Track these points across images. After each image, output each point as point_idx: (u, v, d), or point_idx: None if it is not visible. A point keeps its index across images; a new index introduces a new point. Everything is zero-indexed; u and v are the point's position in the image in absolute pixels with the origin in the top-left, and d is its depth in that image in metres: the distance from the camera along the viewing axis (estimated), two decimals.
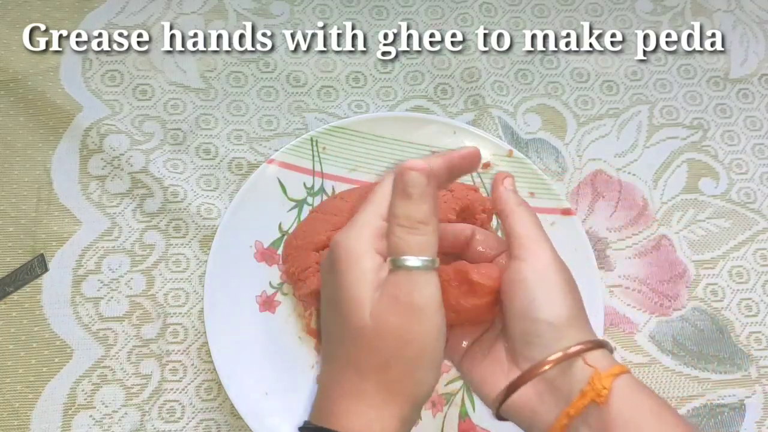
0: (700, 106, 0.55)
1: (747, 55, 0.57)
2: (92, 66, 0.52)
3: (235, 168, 0.49)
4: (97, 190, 0.48)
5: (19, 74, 0.50)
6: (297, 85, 0.53)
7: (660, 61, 0.56)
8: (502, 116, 0.53)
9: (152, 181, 0.48)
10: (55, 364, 0.43)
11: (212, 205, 0.48)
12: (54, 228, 0.46)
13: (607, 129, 0.53)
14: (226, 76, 0.52)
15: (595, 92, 0.55)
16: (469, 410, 0.43)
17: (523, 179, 0.47)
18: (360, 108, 0.52)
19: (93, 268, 0.46)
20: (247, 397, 0.41)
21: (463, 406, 0.44)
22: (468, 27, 0.56)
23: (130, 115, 0.50)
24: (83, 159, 0.48)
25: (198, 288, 0.46)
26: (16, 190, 0.47)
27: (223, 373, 0.41)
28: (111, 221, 0.47)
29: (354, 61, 0.54)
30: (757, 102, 0.55)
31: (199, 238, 0.47)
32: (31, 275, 0.45)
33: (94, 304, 0.45)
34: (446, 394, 0.44)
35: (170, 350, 0.44)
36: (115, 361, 0.44)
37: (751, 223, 0.51)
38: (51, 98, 0.50)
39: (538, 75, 0.55)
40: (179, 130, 0.50)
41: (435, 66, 0.54)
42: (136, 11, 0.54)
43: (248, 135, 0.51)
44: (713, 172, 0.53)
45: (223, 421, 0.43)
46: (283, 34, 0.54)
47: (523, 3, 0.57)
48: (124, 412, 0.43)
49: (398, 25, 0.55)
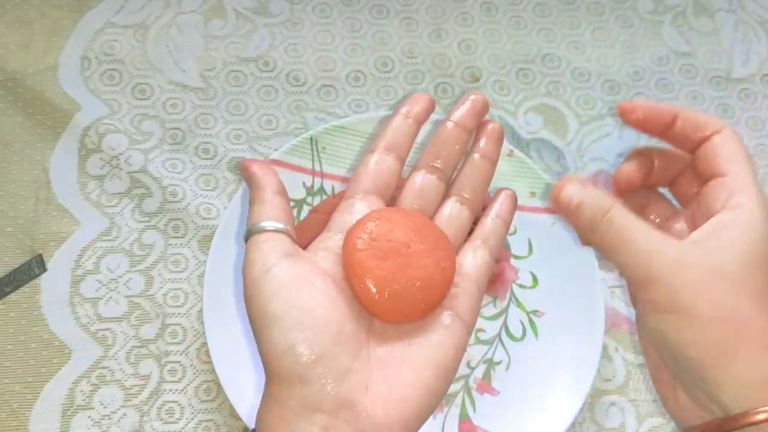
0: (702, 106, 0.55)
1: (749, 55, 0.57)
2: (91, 65, 0.51)
3: (234, 168, 0.49)
4: (95, 189, 0.48)
5: (17, 73, 0.50)
6: (297, 85, 0.52)
7: (661, 60, 0.56)
8: (503, 116, 0.52)
9: (151, 180, 0.48)
10: (53, 364, 0.43)
11: (211, 205, 0.48)
12: (52, 228, 0.46)
13: (608, 129, 0.53)
14: (225, 76, 0.52)
15: (596, 92, 0.54)
16: (470, 411, 0.43)
17: (524, 179, 0.47)
18: (360, 107, 0.52)
19: (92, 268, 0.46)
20: (247, 397, 0.41)
21: (464, 406, 0.43)
22: (469, 26, 0.56)
23: (128, 115, 0.50)
24: (82, 159, 0.48)
25: (197, 288, 0.46)
26: (14, 189, 0.47)
27: (222, 374, 0.41)
28: (110, 221, 0.47)
29: (354, 61, 0.54)
30: (759, 102, 0.55)
31: (198, 238, 0.47)
32: (30, 275, 0.45)
33: (93, 305, 0.45)
34: (446, 394, 0.44)
35: (169, 351, 0.44)
36: (114, 361, 0.43)
37: None
38: (49, 97, 0.49)
39: (540, 74, 0.55)
40: (178, 130, 0.50)
41: (435, 65, 0.54)
42: (135, 10, 0.54)
43: (248, 134, 0.50)
44: None
45: (222, 422, 0.43)
46: (282, 33, 0.54)
47: (524, 2, 0.57)
48: (122, 413, 0.42)
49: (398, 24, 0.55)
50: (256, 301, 0.29)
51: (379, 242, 0.30)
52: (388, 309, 0.30)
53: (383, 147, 0.35)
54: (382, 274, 0.29)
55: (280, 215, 0.32)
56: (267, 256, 0.30)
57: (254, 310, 0.29)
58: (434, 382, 0.29)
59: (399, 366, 0.29)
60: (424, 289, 0.30)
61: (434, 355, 0.30)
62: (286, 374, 0.27)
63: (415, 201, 0.34)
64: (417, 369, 0.29)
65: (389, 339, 0.30)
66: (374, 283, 0.29)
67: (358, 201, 0.33)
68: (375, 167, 0.34)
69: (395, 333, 0.30)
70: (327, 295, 0.29)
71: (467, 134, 0.36)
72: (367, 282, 0.29)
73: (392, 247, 0.30)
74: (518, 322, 0.45)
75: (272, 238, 0.31)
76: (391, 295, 0.29)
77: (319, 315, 0.28)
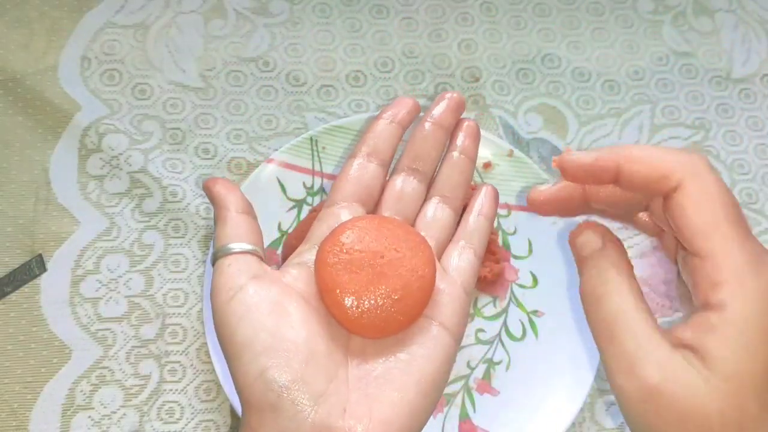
0: (702, 106, 0.55)
1: (749, 54, 0.57)
2: (91, 65, 0.51)
3: (234, 167, 0.49)
4: (95, 189, 0.48)
5: (17, 73, 0.50)
6: (296, 85, 0.52)
7: (661, 60, 0.56)
8: (503, 116, 0.52)
9: (151, 180, 0.48)
10: (53, 364, 0.43)
11: (211, 205, 0.48)
12: (52, 228, 0.46)
13: (608, 129, 0.53)
14: (225, 75, 0.52)
15: (596, 92, 0.54)
16: (470, 411, 0.43)
17: (524, 179, 0.47)
18: (360, 107, 0.52)
19: (92, 268, 0.46)
20: None
21: (464, 406, 0.43)
22: (469, 26, 0.56)
23: (128, 115, 0.50)
24: (82, 159, 0.48)
25: (197, 288, 0.46)
26: (14, 189, 0.47)
27: (222, 374, 0.41)
28: (110, 221, 0.47)
29: (354, 61, 0.54)
30: (759, 102, 0.55)
31: (198, 238, 0.47)
32: (30, 275, 0.45)
33: (93, 305, 0.45)
34: (446, 394, 0.44)
35: (169, 351, 0.44)
36: (114, 361, 0.43)
37: (754, 223, 0.51)
38: (49, 97, 0.49)
39: (539, 74, 0.55)
40: (178, 130, 0.50)
41: (435, 65, 0.54)
42: (135, 10, 0.54)
43: (247, 134, 0.50)
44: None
45: (222, 422, 0.43)
46: (282, 33, 0.54)
47: (524, 2, 0.57)
48: (122, 413, 0.42)
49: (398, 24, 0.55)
50: (224, 329, 0.28)
51: (350, 254, 0.28)
52: (363, 324, 0.28)
53: (365, 152, 0.34)
54: (354, 288, 0.28)
55: (245, 235, 0.31)
56: (233, 279, 0.29)
57: (224, 338, 0.28)
58: (419, 400, 0.27)
59: (380, 385, 0.27)
60: (401, 300, 0.28)
61: (417, 370, 0.28)
62: (259, 403, 0.26)
63: (395, 205, 0.33)
64: (399, 387, 0.27)
65: (368, 356, 0.28)
66: (347, 297, 0.28)
67: (338, 209, 0.33)
68: (356, 173, 0.33)
69: (375, 349, 0.29)
70: (297, 315, 0.28)
71: (445, 133, 0.35)
72: (340, 297, 0.28)
73: (365, 258, 0.28)
74: (518, 322, 0.45)
75: (237, 260, 0.30)
76: (365, 310, 0.28)
77: (288, 338, 0.27)
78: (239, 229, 0.31)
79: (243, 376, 0.27)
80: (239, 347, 0.27)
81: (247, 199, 0.33)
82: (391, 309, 0.28)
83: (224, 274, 0.29)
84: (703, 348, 0.22)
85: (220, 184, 0.33)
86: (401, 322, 0.28)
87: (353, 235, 0.29)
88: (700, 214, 0.23)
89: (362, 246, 0.29)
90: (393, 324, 0.28)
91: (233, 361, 0.27)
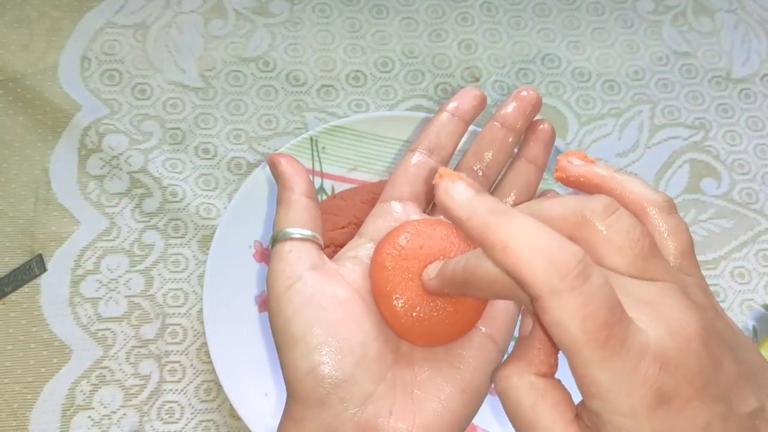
0: (702, 106, 0.55)
1: (749, 54, 0.57)
2: (91, 65, 0.51)
3: (234, 167, 0.49)
4: (95, 189, 0.48)
5: (17, 73, 0.50)
6: (296, 85, 0.52)
7: (661, 60, 0.56)
8: None
9: (151, 180, 0.48)
10: (53, 364, 0.43)
11: (211, 205, 0.48)
12: (52, 228, 0.46)
13: (608, 129, 0.53)
14: (225, 75, 0.52)
15: (596, 92, 0.54)
16: None
17: None
18: (360, 107, 0.52)
19: (92, 268, 0.46)
20: (247, 398, 0.41)
21: None
22: (469, 26, 0.56)
23: (128, 115, 0.50)
24: (82, 159, 0.48)
25: (197, 288, 0.46)
26: (14, 189, 0.47)
27: (222, 374, 0.41)
28: (110, 221, 0.47)
29: (354, 61, 0.54)
30: (759, 102, 0.55)
31: (198, 238, 0.47)
32: (30, 275, 0.45)
33: (93, 305, 0.45)
34: None
35: (169, 351, 0.44)
36: (114, 361, 0.43)
37: (753, 223, 0.51)
38: (49, 97, 0.49)
39: (539, 74, 0.55)
40: (178, 130, 0.50)
41: (435, 65, 0.54)
42: (135, 10, 0.54)
43: (247, 134, 0.50)
44: (715, 172, 0.52)
45: (222, 422, 0.43)
46: (282, 33, 0.54)
47: (524, 2, 0.57)
48: (122, 413, 0.42)
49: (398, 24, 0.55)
50: (279, 319, 0.28)
51: (408, 260, 0.27)
52: (415, 333, 0.27)
53: (426, 147, 0.33)
54: (410, 296, 0.27)
55: (307, 221, 0.30)
56: (291, 268, 0.28)
57: (277, 327, 0.28)
58: (460, 409, 0.27)
59: (425, 391, 0.27)
60: (456, 313, 0.27)
61: (462, 380, 0.28)
62: (306, 396, 0.26)
63: None
64: (443, 395, 0.27)
65: (416, 361, 0.28)
66: (401, 304, 0.27)
67: (393, 206, 0.31)
68: (415, 169, 0.32)
69: (423, 354, 0.28)
70: (352, 312, 0.28)
71: (515, 136, 0.33)
72: (394, 303, 0.27)
73: (422, 265, 0.27)
74: (518, 322, 0.45)
75: (298, 247, 0.29)
76: (418, 318, 0.27)
77: (342, 336, 0.27)
78: (302, 214, 0.30)
79: (294, 369, 0.27)
80: (292, 339, 0.27)
81: (311, 182, 0.31)
82: (444, 320, 0.27)
83: (283, 261, 0.29)
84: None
85: (286, 163, 0.31)
86: (453, 334, 0.28)
87: (413, 240, 0.28)
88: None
89: (420, 252, 0.28)
90: (444, 335, 0.28)
91: (285, 351, 0.27)
